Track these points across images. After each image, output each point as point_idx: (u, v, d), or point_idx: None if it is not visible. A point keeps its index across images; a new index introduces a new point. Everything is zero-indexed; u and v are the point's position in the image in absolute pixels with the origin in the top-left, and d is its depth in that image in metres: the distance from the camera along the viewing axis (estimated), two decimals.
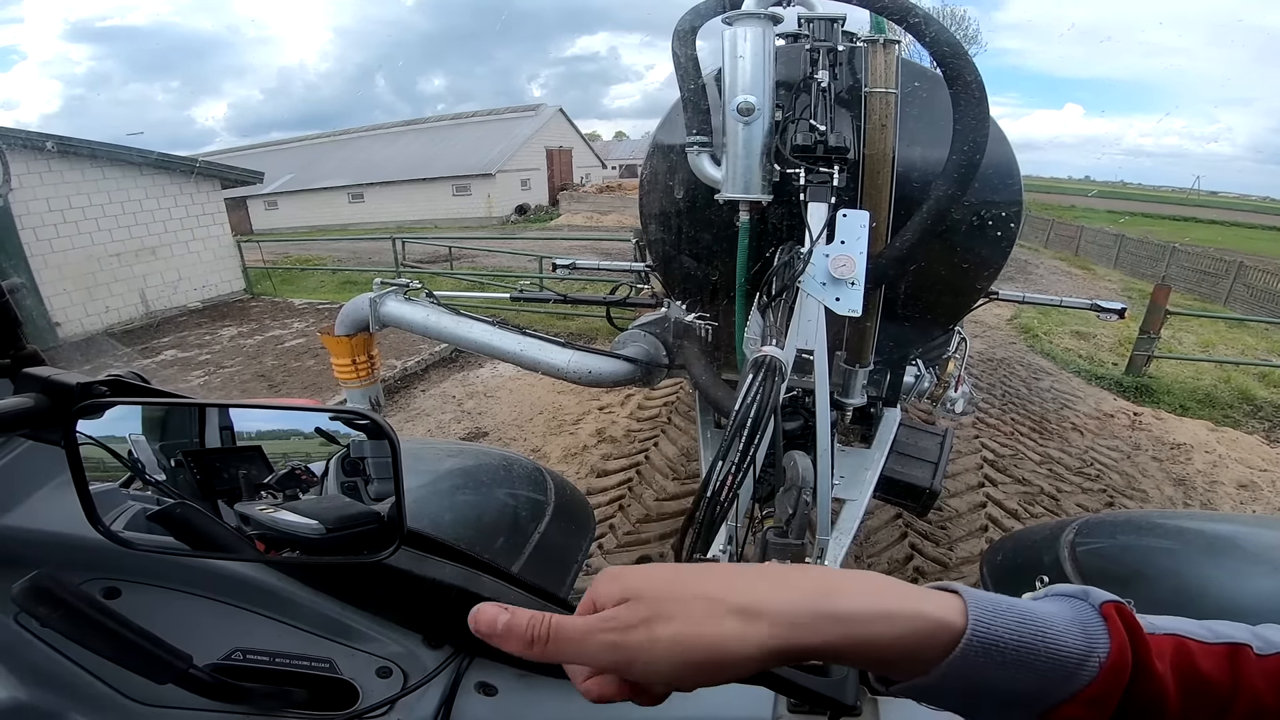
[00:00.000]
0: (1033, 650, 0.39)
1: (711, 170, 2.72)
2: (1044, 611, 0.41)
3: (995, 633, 0.39)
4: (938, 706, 0.43)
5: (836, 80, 2.67)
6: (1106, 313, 3.71)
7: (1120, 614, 0.41)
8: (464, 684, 0.78)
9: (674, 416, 5.68)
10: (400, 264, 11.34)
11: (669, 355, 3.38)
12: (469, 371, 7.09)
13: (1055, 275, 15.96)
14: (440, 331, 3.66)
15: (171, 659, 0.63)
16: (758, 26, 2.47)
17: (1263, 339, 9.89)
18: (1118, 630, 0.39)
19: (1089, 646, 0.39)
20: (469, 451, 1.74)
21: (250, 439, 0.63)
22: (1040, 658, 0.39)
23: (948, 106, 2.45)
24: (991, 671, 0.39)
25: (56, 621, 0.58)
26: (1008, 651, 0.39)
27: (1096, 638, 0.39)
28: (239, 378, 7.42)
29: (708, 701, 0.79)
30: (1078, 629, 0.40)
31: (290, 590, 0.76)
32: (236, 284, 11.90)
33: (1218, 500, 4.64)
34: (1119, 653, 0.39)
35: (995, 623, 0.40)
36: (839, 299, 2.22)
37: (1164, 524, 1.42)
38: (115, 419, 0.60)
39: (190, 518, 0.62)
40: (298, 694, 0.73)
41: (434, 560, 0.75)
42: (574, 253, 10.66)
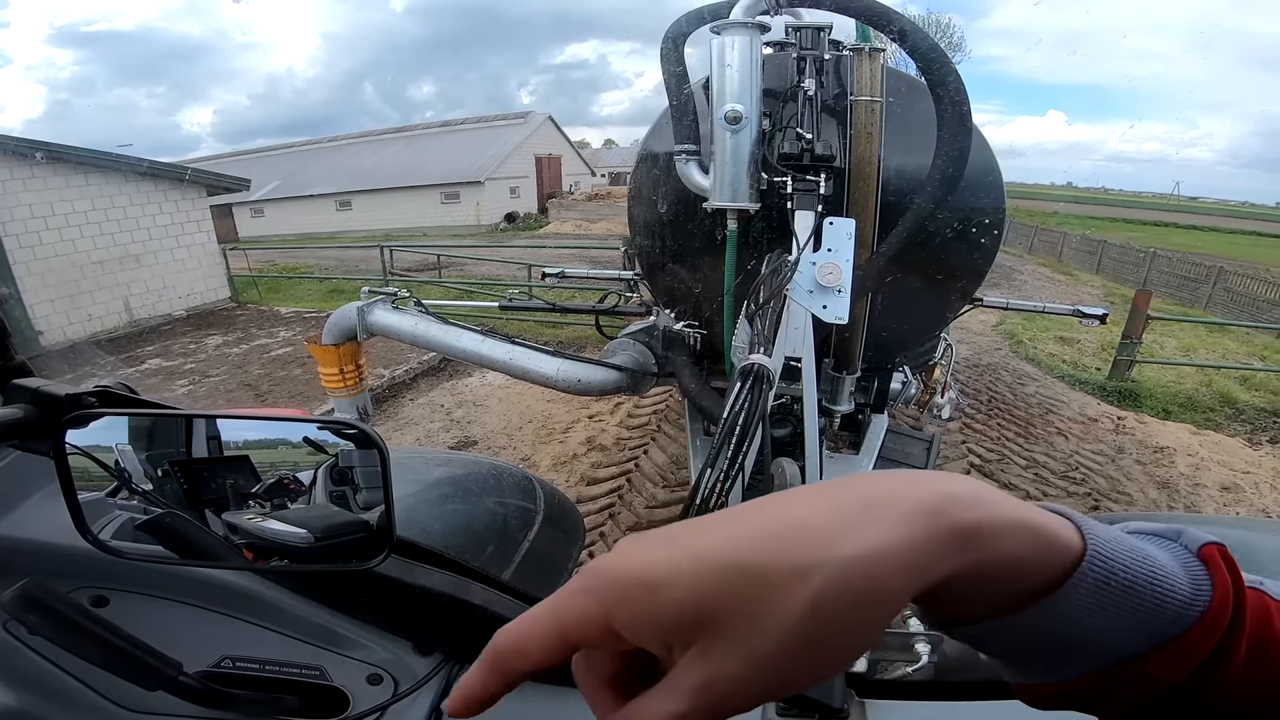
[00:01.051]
0: (1140, 592, 0.34)
1: (700, 178, 2.74)
2: (1150, 550, 0.36)
3: (1111, 566, 0.33)
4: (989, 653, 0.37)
5: (823, 89, 2.70)
6: (1089, 318, 3.77)
7: (1223, 558, 0.36)
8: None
9: (664, 424, 5.69)
10: (388, 272, 11.32)
11: (658, 363, 3.39)
12: (458, 380, 7.07)
13: (1039, 281, 16.15)
14: (429, 340, 3.66)
15: (161, 666, 0.62)
16: (745, 35, 2.50)
17: (1243, 343, 10.05)
18: (1222, 576, 0.35)
19: (1192, 593, 0.34)
20: (458, 460, 1.74)
21: (238, 449, 0.64)
22: (1146, 602, 0.33)
23: (932, 114, 2.48)
24: (1092, 612, 0.33)
25: (46, 629, 0.58)
26: (1116, 590, 0.33)
27: (1200, 583, 0.34)
28: (224, 387, 7.35)
29: None
30: (1182, 572, 0.35)
31: (279, 598, 0.76)
32: (222, 292, 11.81)
33: (1201, 503, 4.70)
34: (1220, 603, 0.34)
35: (1113, 554, 0.34)
36: (826, 306, 2.24)
37: None
38: (102, 429, 0.61)
39: (178, 527, 0.62)
40: (288, 701, 0.73)
41: (423, 568, 0.75)
42: (563, 261, 10.68)
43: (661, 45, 2.73)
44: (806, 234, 2.34)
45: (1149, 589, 0.34)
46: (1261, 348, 9.77)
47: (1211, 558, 0.36)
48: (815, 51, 2.77)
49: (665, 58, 2.72)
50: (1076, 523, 0.35)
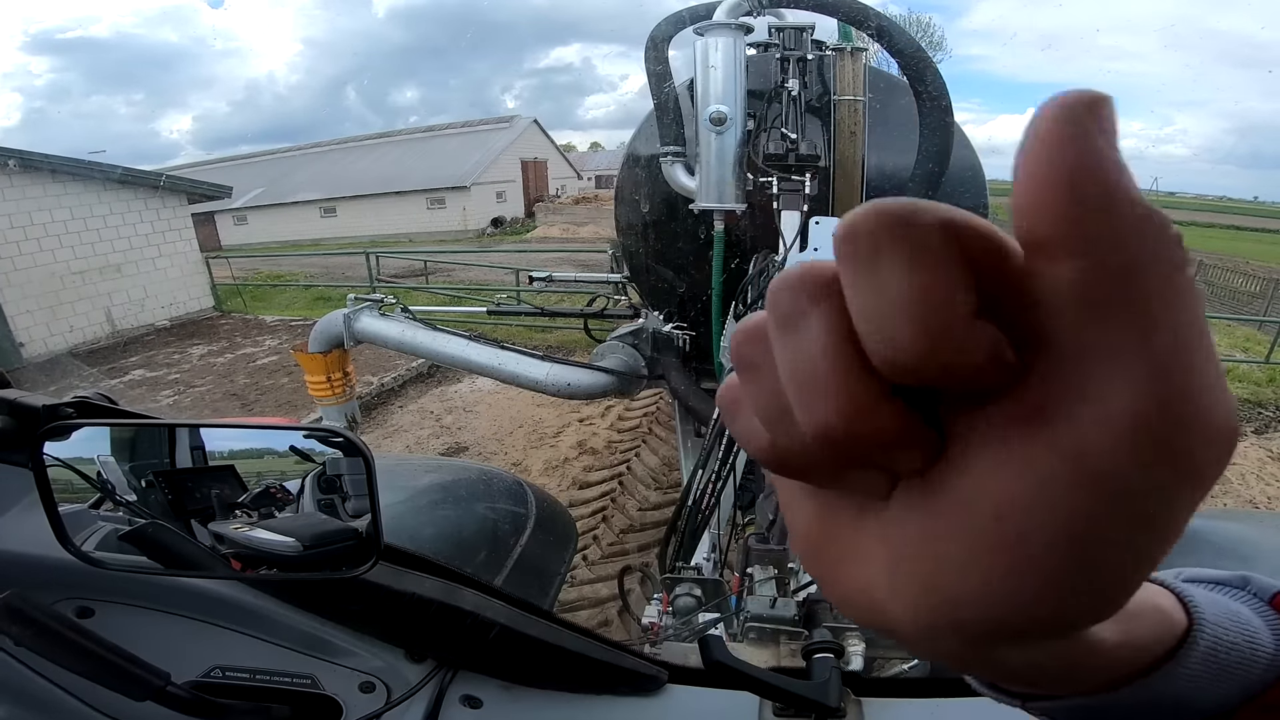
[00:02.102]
0: (1241, 653, 0.31)
1: (685, 180, 2.75)
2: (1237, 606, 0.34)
3: (1216, 633, 0.31)
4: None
5: (806, 89, 2.71)
6: None
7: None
8: (448, 697, 0.77)
9: (655, 426, 5.69)
10: (375, 279, 11.24)
11: (647, 365, 3.39)
12: (447, 386, 7.04)
13: None
14: (416, 347, 3.64)
15: (148, 676, 0.62)
16: (729, 36, 2.51)
17: (1225, 335, 10.18)
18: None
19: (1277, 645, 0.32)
20: (448, 467, 1.73)
21: (223, 458, 0.63)
22: (1247, 661, 0.31)
23: (913, 112, 2.50)
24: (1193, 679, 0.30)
25: (30, 641, 0.57)
26: (1221, 655, 0.31)
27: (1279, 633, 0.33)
28: (210, 397, 7.27)
29: (693, 707, 0.80)
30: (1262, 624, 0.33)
31: (269, 608, 0.75)
32: (205, 301, 11.69)
33: None
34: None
35: (1217, 622, 0.31)
36: None
37: None
38: (83, 440, 0.60)
39: (162, 537, 0.61)
40: (280, 710, 0.72)
41: (413, 575, 0.74)
42: (551, 265, 10.66)
43: (645, 48, 2.74)
44: (793, 233, 2.35)
45: (1247, 647, 0.32)
46: (1243, 340, 9.91)
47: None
48: (798, 52, 2.78)
49: (648, 58, 2.73)
50: (1173, 589, 0.33)
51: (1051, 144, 0.16)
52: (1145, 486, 0.16)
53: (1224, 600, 0.34)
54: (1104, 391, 0.16)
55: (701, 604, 1.76)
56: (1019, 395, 0.17)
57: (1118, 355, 0.16)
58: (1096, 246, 0.15)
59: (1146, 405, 0.15)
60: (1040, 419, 0.17)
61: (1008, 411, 0.17)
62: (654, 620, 1.79)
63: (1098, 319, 0.16)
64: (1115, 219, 0.15)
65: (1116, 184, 0.15)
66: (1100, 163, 0.15)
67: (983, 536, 0.18)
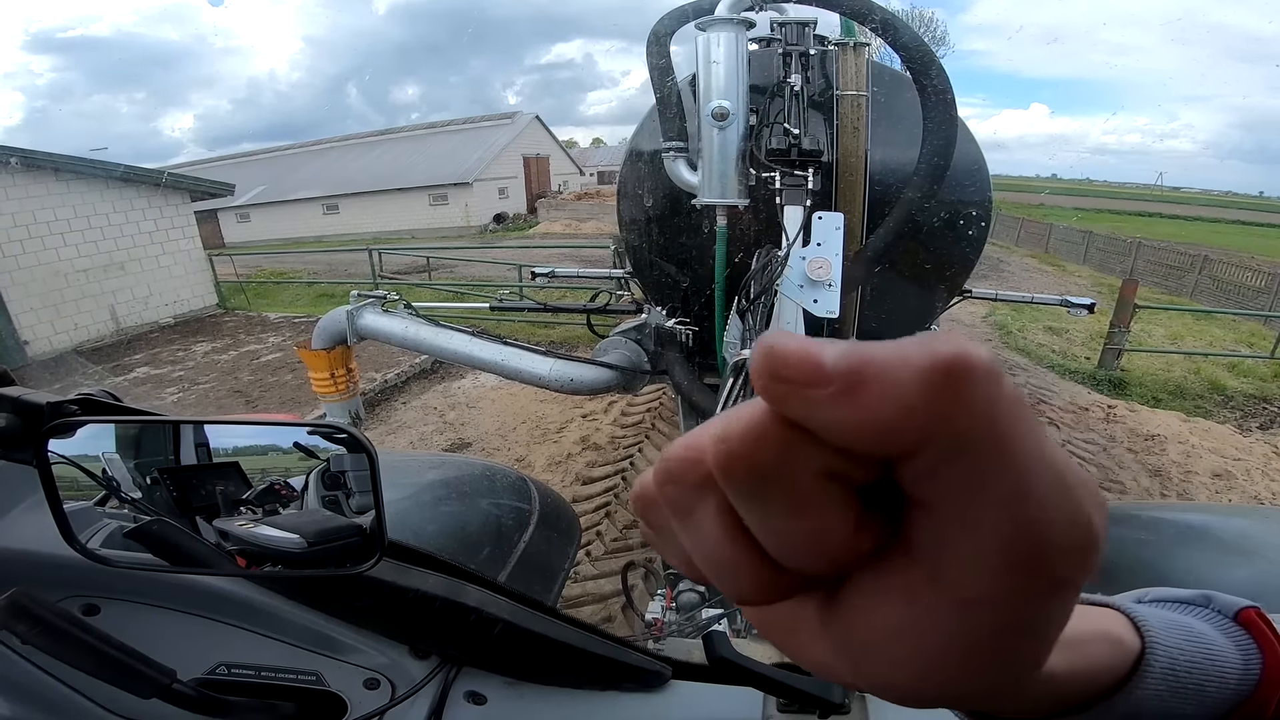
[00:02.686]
0: (1203, 670, 0.33)
1: (688, 175, 2.74)
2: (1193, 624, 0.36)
3: (1171, 653, 0.33)
4: None
5: (809, 84, 2.70)
6: (1076, 308, 3.79)
7: (1262, 620, 0.36)
8: (453, 694, 0.78)
9: (658, 422, 5.69)
10: (377, 275, 11.25)
11: (650, 361, 3.39)
12: (450, 383, 7.04)
13: (1027, 273, 16.27)
14: (419, 343, 3.64)
15: (154, 674, 0.62)
16: (731, 32, 2.50)
17: (1230, 330, 10.15)
18: (1267, 639, 0.35)
19: (1244, 660, 0.34)
20: (451, 463, 1.73)
21: (227, 455, 0.63)
22: (1210, 678, 0.33)
23: (916, 107, 2.49)
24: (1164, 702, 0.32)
25: (36, 638, 0.57)
26: (1181, 674, 0.33)
27: (1247, 649, 0.35)
28: (214, 394, 7.29)
29: (697, 703, 0.80)
30: (1227, 640, 0.35)
31: (274, 604, 0.75)
32: (209, 299, 11.72)
33: (1193, 490, 4.74)
34: (1274, 663, 0.34)
35: (1169, 640, 0.33)
36: (816, 301, 2.25)
37: (1140, 515, 1.45)
38: (88, 438, 0.60)
39: (167, 534, 0.61)
40: (285, 707, 0.72)
41: (417, 571, 0.74)
42: (553, 261, 10.66)
43: (647, 43, 2.73)
44: (796, 229, 2.34)
45: (1209, 664, 0.34)
46: (1248, 334, 9.87)
47: (1251, 621, 0.36)
48: (801, 47, 2.77)
49: (649, 54, 2.72)
50: (1126, 612, 0.35)
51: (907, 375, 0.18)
52: (1013, 603, 0.19)
53: (1183, 619, 0.36)
54: (961, 537, 0.18)
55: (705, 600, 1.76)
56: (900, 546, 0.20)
57: (968, 508, 0.18)
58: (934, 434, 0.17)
59: (998, 542, 0.18)
60: (912, 556, 0.20)
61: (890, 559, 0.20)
62: (658, 616, 1.79)
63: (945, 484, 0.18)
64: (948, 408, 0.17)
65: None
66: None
67: (889, 645, 0.21)
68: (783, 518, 0.19)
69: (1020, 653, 0.21)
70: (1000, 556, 0.18)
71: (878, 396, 0.17)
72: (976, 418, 0.17)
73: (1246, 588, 1.09)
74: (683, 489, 0.21)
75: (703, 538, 0.21)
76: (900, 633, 0.20)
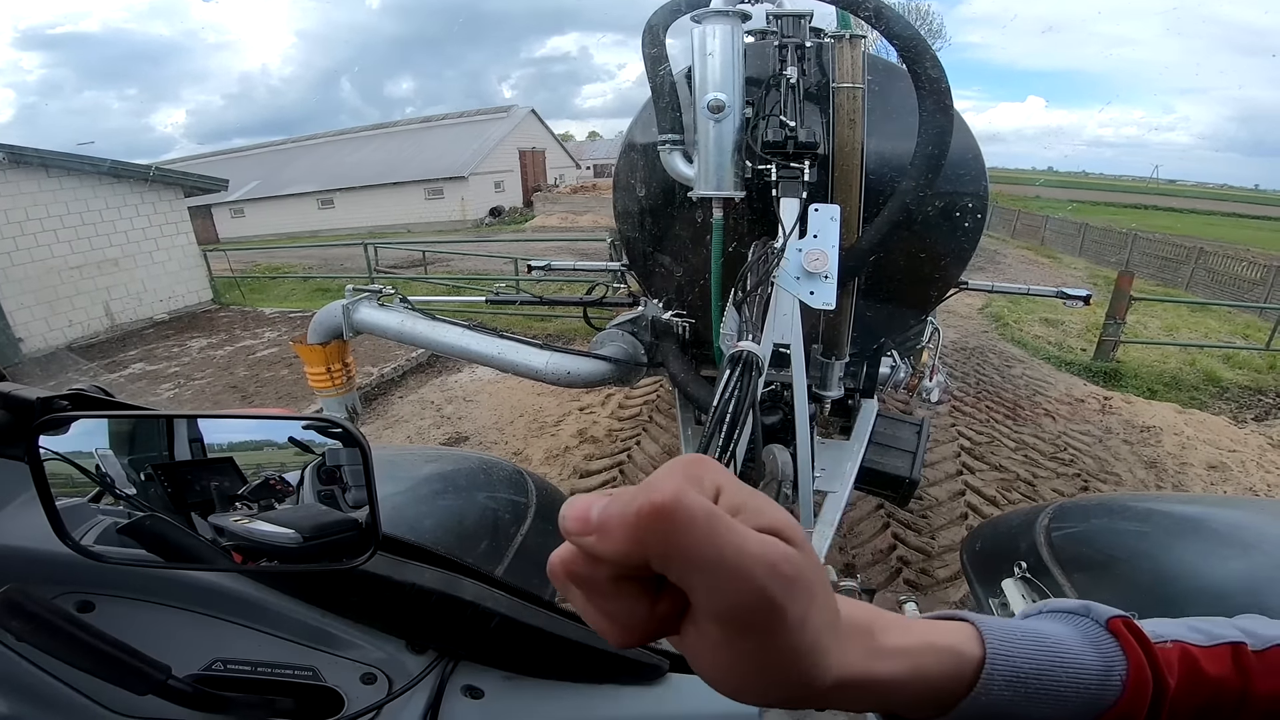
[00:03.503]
0: (1054, 676, 0.36)
1: (684, 168, 2.73)
2: (1055, 632, 0.39)
3: (1015, 662, 0.36)
4: None
5: (805, 76, 2.69)
6: (1073, 300, 3.80)
7: (1129, 628, 0.39)
8: (450, 688, 0.78)
9: (655, 414, 5.69)
10: (373, 270, 11.22)
11: (647, 353, 3.38)
12: (447, 376, 7.03)
13: (1023, 264, 16.29)
14: (416, 337, 3.64)
15: (149, 670, 0.62)
16: (727, 24, 2.49)
17: (1225, 322, 10.19)
18: (1132, 647, 0.38)
19: (1106, 666, 0.37)
20: (448, 456, 1.73)
21: (222, 450, 0.63)
22: (1062, 684, 0.36)
23: (912, 98, 2.48)
24: (1015, 703, 0.35)
25: (30, 635, 0.57)
26: (1029, 680, 0.36)
27: (1111, 656, 0.37)
28: (210, 389, 7.27)
29: (694, 695, 0.80)
30: (1091, 648, 0.37)
31: (270, 600, 0.75)
32: (204, 294, 11.67)
33: (1188, 482, 4.76)
34: (1138, 670, 0.37)
35: (1013, 650, 0.36)
36: (813, 293, 2.24)
37: (1136, 507, 1.45)
38: (81, 434, 0.59)
39: (161, 530, 0.61)
40: (282, 702, 0.72)
41: (413, 565, 0.74)
42: (550, 254, 10.63)
43: (643, 35, 2.71)
44: (792, 221, 2.34)
45: (1061, 671, 0.37)
46: (1244, 326, 9.91)
47: (1118, 630, 0.38)
48: (796, 39, 2.75)
49: (645, 46, 2.71)
50: (975, 624, 0.38)
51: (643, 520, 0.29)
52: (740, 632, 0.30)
53: (1039, 628, 0.39)
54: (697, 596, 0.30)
55: None
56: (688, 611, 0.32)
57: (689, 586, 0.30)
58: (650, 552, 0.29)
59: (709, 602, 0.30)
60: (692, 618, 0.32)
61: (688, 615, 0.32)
62: None
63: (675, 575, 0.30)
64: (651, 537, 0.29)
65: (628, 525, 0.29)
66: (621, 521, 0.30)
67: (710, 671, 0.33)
68: (603, 602, 0.32)
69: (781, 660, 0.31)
70: (714, 609, 0.30)
71: (616, 536, 0.29)
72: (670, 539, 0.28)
73: (1242, 579, 1.09)
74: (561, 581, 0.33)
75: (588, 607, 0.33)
76: (708, 658, 0.32)
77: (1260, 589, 1.00)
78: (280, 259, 16.73)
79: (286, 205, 27.17)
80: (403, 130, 31.94)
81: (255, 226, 26.77)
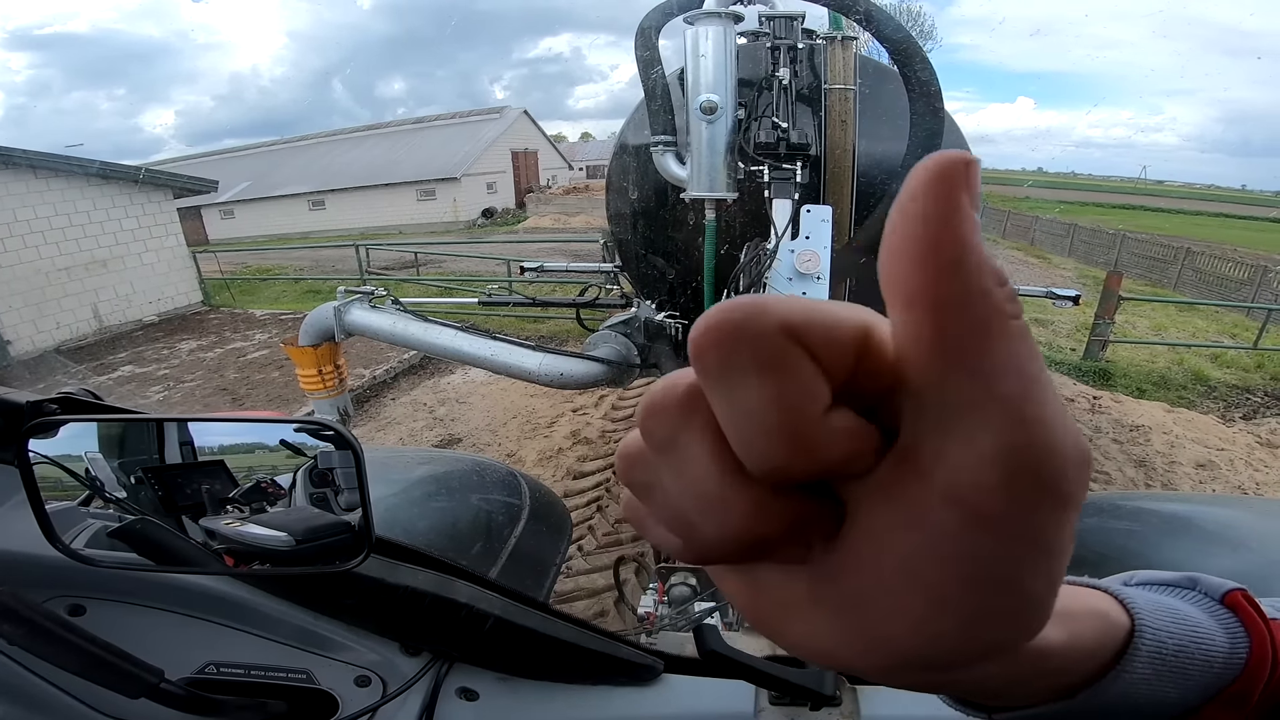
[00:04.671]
0: (1189, 653, 0.33)
1: (677, 169, 2.74)
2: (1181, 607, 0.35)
3: (1160, 636, 0.32)
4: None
5: (797, 78, 2.70)
6: (1062, 300, 3.82)
7: (1248, 601, 0.36)
8: (444, 690, 0.77)
9: None
10: (365, 271, 11.17)
11: (640, 355, 3.38)
12: (440, 378, 7.01)
13: (1013, 264, 16.37)
14: (408, 338, 3.62)
15: (142, 674, 0.61)
16: (719, 25, 2.50)
17: (1213, 321, 10.28)
18: (1254, 621, 0.35)
19: (1231, 642, 0.34)
20: (440, 458, 1.73)
21: (212, 454, 0.62)
22: (1195, 661, 0.33)
23: (903, 100, 2.50)
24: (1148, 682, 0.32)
25: (23, 639, 0.57)
26: (1168, 657, 0.32)
27: (1234, 631, 0.35)
28: (200, 392, 7.22)
29: (689, 696, 0.80)
30: (1215, 622, 0.35)
31: (262, 603, 0.75)
32: (194, 296, 11.59)
33: (1177, 480, 4.80)
34: (1260, 646, 0.34)
35: (1158, 623, 0.33)
36: (805, 294, 2.25)
37: (1125, 505, 1.46)
38: (71, 437, 0.59)
39: (152, 533, 0.60)
40: (275, 705, 0.72)
41: (407, 568, 0.74)
42: (543, 255, 10.62)
43: (635, 37, 2.72)
44: (784, 222, 2.35)
45: (1195, 647, 0.33)
46: (1231, 325, 10.01)
47: (1238, 604, 0.36)
48: (789, 40, 2.77)
49: (637, 48, 2.71)
50: (1113, 593, 0.34)
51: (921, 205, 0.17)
52: (1024, 515, 0.18)
53: (1169, 601, 0.35)
54: (970, 437, 0.17)
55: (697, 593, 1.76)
56: (898, 457, 0.19)
57: (976, 402, 0.17)
58: (948, 305, 0.17)
59: (1008, 442, 0.17)
60: (918, 473, 0.18)
61: (890, 473, 0.19)
62: (650, 610, 1.79)
63: (953, 371, 0.17)
64: (964, 280, 0.17)
65: (969, 249, 0.17)
66: (958, 229, 0.17)
67: (896, 586, 0.19)
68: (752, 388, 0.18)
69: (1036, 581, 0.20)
70: (1009, 463, 0.17)
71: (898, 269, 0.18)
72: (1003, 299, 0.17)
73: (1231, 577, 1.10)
74: (666, 417, 0.20)
75: (687, 464, 0.20)
76: (908, 563, 0.19)
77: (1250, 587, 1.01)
78: (271, 260, 16.63)
79: (277, 206, 27.02)
80: (395, 131, 31.83)
81: (245, 228, 26.60)
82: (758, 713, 0.77)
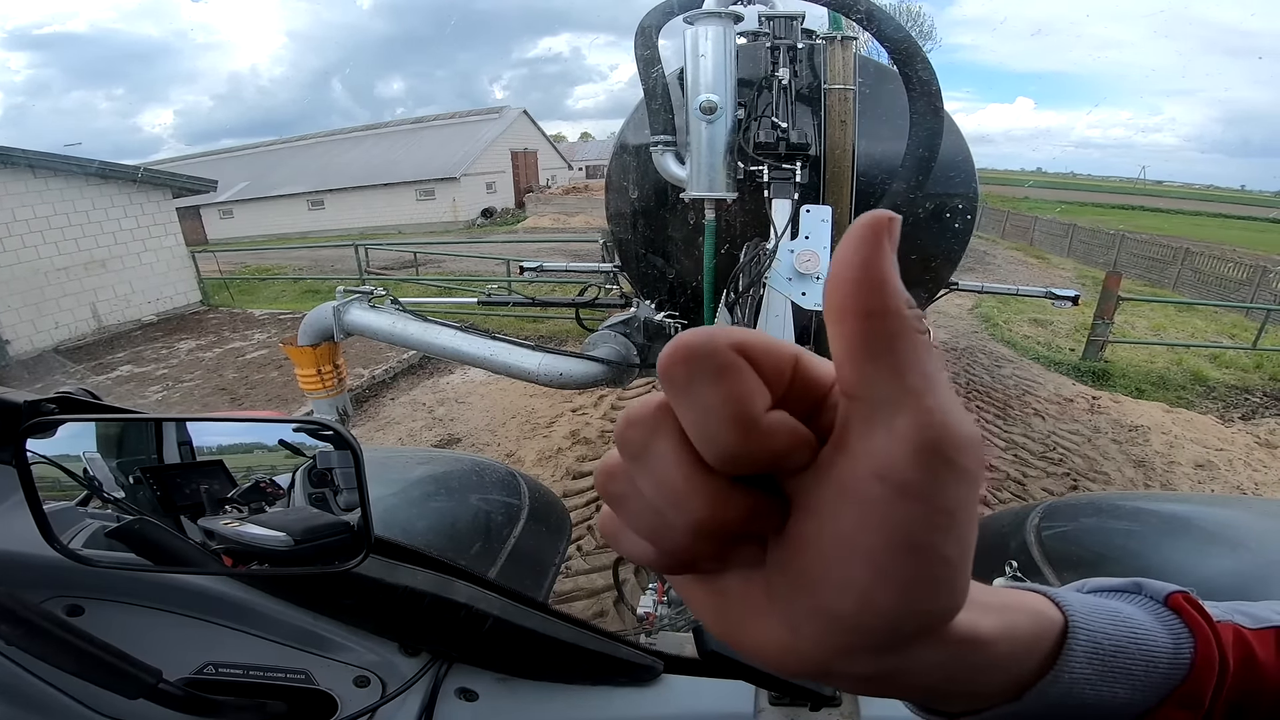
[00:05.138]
0: (1129, 654, 0.34)
1: (676, 169, 2.74)
2: (1121, 608, 0.36)
3: (1095, 635, 0.33)
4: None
5: (797, 77, 2.70)
6: (1061, 300, 3.82)
7: (1190, 604, 0.37)
8: (443, 690, 0.77)
9: None
10: (364, 271, 11.17)
11: (640, 355, 3.38)
12: (439, 378, 7.01)
13: (1012, 265, 16.39)
14: (407, 338, 3.62)
15: (140, 674, 0.61)
16: (719, 25, 2.50)
17: (1211, 321, 10.29)
18: (1197, 622, 0.36)
19: (1174, 643, 0.35)
20: (440, 458, 1.73)
21: (211, 454, 0.62)
22: (1136, 661, 0.34)
23: (903, 100, 2.50)
24: (1091, 682, 0.33)
25: (21, 640, 0.56)
26: (1107, 657, 0.33)
27: (1178, 632, 0.36)
28: (199, 392, 7.22)
29: (689, 697, 0.80)
30: (1158, 623, 0.36)
31: (261, 603, 0.75)
32: (192, 295, 11.58)
33: (1176, 480, 4.80)
34: (1205, 647, 0.35)
35: (1091, 622, 0.34)
36: (805, 294, 2.25)
37: (1124, 506, 1.46)
38: (69, 437, 0.59)
39: (150, 533, 0.60)
40: (274, 706, 0.71)
41: (406, 568, 0.74)
42: (542, 255, 10.62)
43: (635, 36, 2.72)
44: (784, 222, 2.35)
45: (1136, 648, 0.34)
46: (1230, 326, 10.02)
47: (1180, 606, 0.37)
48: (788, 40, 2.77)
49: (637, 47, 2.72)
50: (1049, 595, 0.35)
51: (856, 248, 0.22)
52: (934, 483, 0.21)
53: (1108, 603, 0.36)
54: (889, 423, 0.21)
55: None
56: (832, 446, 0.23)
57: (892, 396, 0.21)
58: (873, 316, 0.21)
59: (917, 423, 0.21)
60: (850, 456, 0.22)
61: (826, 460, 0.23)
62: (649, 610, 1.79)
63: (875, 368, 0.21)
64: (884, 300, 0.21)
65: (889, 279, 0.21)
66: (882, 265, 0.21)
67: (840, 557, 0.23)
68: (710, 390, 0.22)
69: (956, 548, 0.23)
70: (919, 440, 0.21)
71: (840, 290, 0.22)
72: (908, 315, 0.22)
73: (1231, 578, 1.10)
74: (641, 426, 0.24)
75: (659, 464, 0.24)
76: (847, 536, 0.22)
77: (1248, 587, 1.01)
78: (270, 260, 16.63)
79: (276, 206, 27.01)
80: (394, 131, 31.82)
81: (244, 227, 26.59)
82: (757, 713, 0.77)
